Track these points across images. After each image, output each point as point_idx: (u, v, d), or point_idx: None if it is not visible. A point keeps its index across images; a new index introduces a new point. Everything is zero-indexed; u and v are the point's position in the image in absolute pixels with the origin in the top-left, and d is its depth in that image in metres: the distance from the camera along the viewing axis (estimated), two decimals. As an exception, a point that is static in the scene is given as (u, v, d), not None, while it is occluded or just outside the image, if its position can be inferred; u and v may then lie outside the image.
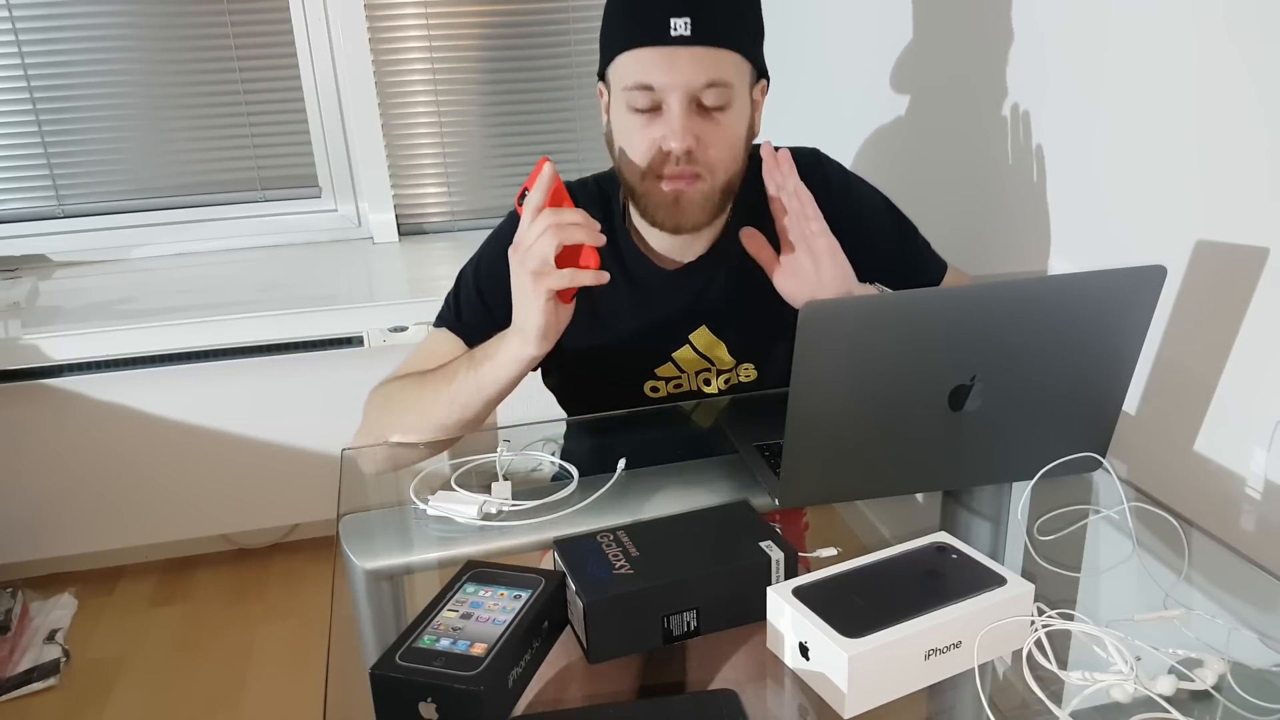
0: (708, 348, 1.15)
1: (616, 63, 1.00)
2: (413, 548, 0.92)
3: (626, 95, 0.99)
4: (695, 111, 0.98)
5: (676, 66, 0.95)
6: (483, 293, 1.12)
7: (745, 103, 1.02)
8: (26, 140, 2.18)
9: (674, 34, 0.94)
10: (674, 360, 1.15)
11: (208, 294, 2.08)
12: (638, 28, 0.97)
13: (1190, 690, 0.68)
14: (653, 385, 1.17)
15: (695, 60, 0.96)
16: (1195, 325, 1.11)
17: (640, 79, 0.97)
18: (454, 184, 2.40)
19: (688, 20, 0.94)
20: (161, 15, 2.15)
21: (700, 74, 0.96)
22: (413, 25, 2.26)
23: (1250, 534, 1.05)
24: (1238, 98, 1.03)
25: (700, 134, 0.99)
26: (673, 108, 0.97)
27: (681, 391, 1.17)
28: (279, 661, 1.93)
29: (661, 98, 0.97)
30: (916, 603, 0.70)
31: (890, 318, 0.82)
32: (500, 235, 1.14)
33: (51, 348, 1.90)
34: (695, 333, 1.14)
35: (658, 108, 0.98)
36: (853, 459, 0.88)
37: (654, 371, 1.16)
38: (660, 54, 0.95)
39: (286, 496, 2.15)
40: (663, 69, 0.96)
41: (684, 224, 1.04)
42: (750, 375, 1.17)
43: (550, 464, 1.04)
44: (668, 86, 0.96)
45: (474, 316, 1.12)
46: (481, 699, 0.62)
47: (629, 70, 0.98)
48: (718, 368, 1.16)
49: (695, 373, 1.17)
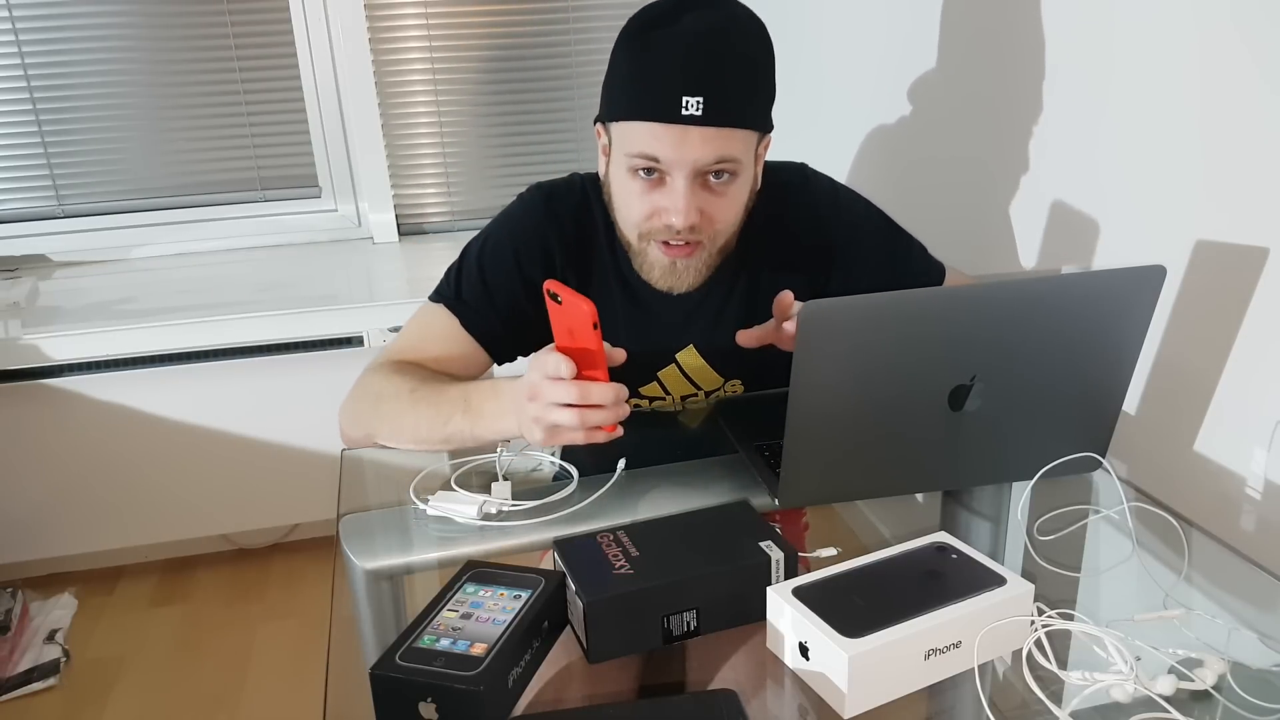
0: (694, 370, 1.14)
1: (623, 126, 0.98)
2: (413, 548, 0.92)
3: (629, 160, 0.97)
4: (701, 187, 0.97)
5: (686, 144, 0.93)
6: (486, 276, 1.09)
7: (749, 170, 1.01)
8: (26, 140, 2.18)
9: (685, 113, 0.92)
10: (659, 380, 1.15)
11: (208, 294, 2.08)
12: (648, 101, 0.94)
13: (1190, 690, 0.68)
14: (635, 404, 1.16)
15: (705, 140, 0.94)
16: (1195, 325, 1.11)
17: (646, 150, 0.95)
18: (454, 184, 2.40)
19: (700, 100, 0.92)
20: (161, 15, 2.15)
21: (709, 154, 0.94)
22: (413, 25, 2.26)
23: (1250, 534, 1.05)
24: (1238, 98, 1.03)
25: (704, 206, 0.97)
26: (677, 184, 0.95)
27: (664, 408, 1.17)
28: (279, 661, 1.93)
29: (666, 170, 0.96)
30: (916, 603, 0.70)
31: (890, 318, 0.82)
32: (511, 217, 1.11)
33: (51, 348, 1.90)
34: (683, 352, 1.13)
35: (661, 178, 0.97)
36: (853, 459, 0.88)
37: (639, 390, 1.15)
38: (669, 130, 0.93)
39: (286, 496, 2.15)
40: (671, 146, 0.94)
41: (678, 287, 1.04)
42: (738, 391, 1.17)
43: (550, 464, 1.04)
44: (674, 163, 0.95)
45: (474, 297, 1.09)
46: (481, 699, 0.62)
47: (635, 139, 0.96)
48: (705, 389, 1.16)
49: (681, 396, 1.16)
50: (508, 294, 1.08)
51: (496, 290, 1.08)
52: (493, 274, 1.09)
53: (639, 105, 0.95)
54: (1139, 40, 1.17)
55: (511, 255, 1.08)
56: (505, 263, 1.08)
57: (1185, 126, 1.10)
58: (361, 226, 2.40)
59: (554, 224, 1.09)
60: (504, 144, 2.38)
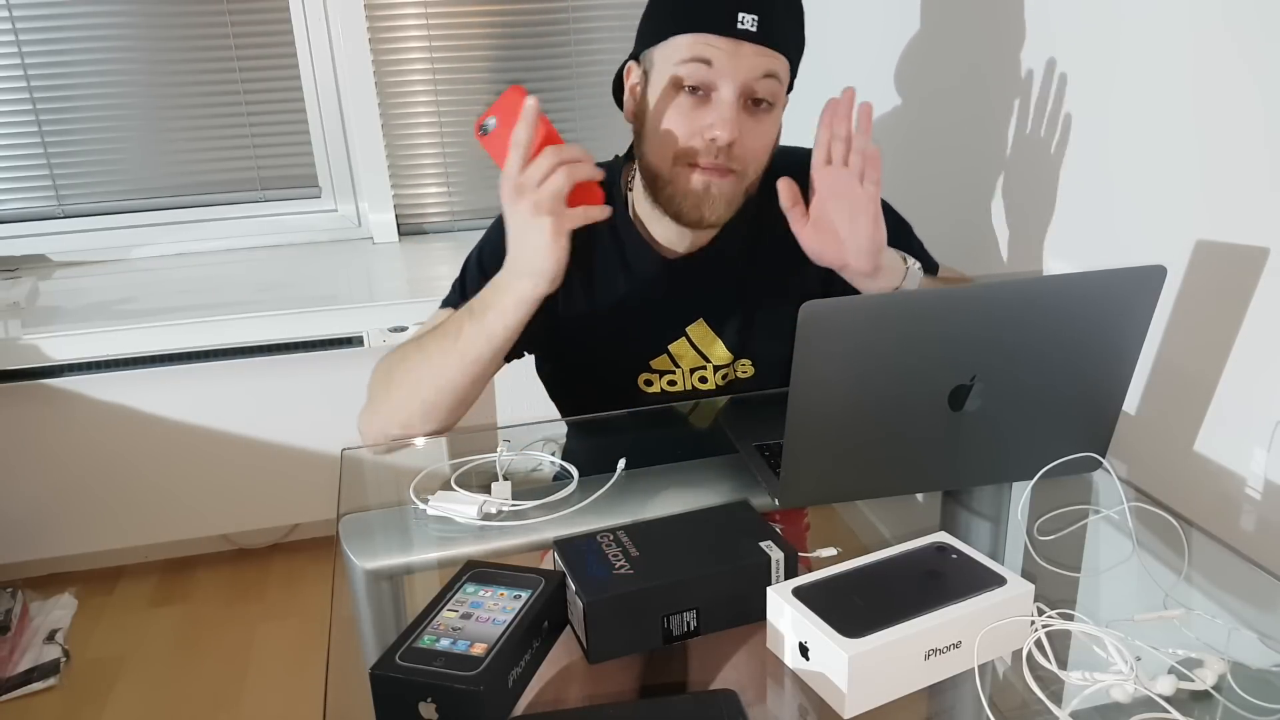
0: (703, 342, 1.15)
1: (671, 41, 0.99)
2: (413, 548, 0.92)
3: (680, 69, 0.98)
4: (745, 106, 0.99)
5: (740, 56, 0.97)
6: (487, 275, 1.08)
7: (781, 104, 1.04)
8: (26, 140, 2.18)
9: (740, 27, 0.96)
10: (669, 353, 1.15)
11: (208, 294, 2.08)
12: (703, 13, 0.97)
13: (1190, 690, 0.68)
14: (646, 378, 1.16)
15: (758, 55, 0.97)
16: (1195, 325, 1.11)
17: (700, 54, 0.97)
18: (454, 184, 2.40)
19: (755, 18, 0.96)
20: (161, 15, 2.15)
21: (758, 68, 0.97)
22: (413, 25, 2.26)
23: (1250, 534, 1.05)
24: (1238, 98, 1.03)
25: (744, 130, 0.99)
26: (724, 96, 0.98)
27: (676, 390, 1.17)
28: (279, 661, 1.93)
29: (715, 83, 0.98)
30: (916, 603, 0.70)
31: (890, 318, 0.82)
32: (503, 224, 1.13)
33: (51, 348, 1.90)
34: (692, 325, 1.14)
35: (706, 94, 0.99)
36: (853, 459, 0.88)
37: (649, 364, 1.16)
38: (724, 41, 0.96)
39: (286, 496, 2.15)
40: (725, 55, 0.97)
41: (707, 216, 1.04)
42: (747, 371, 1.17)
43: (550, 464, 1.04)
44: (726, 73, 0.97)
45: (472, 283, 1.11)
46: (481, 699, 0.62)
47: (688, 47, 0.98)
48: (714, 364, 1.16)
49: (690, 369, 1.16)
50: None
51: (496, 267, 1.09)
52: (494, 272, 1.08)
53: (694, 17, 0.98)
54: (1139, 40, 1.17)
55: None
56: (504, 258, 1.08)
57: (1185, 127, 1.10)
58: (361, 226, 2.40)
59: None
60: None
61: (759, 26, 0.96)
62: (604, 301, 1.13)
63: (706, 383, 1.17)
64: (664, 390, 1.17)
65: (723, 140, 0.98)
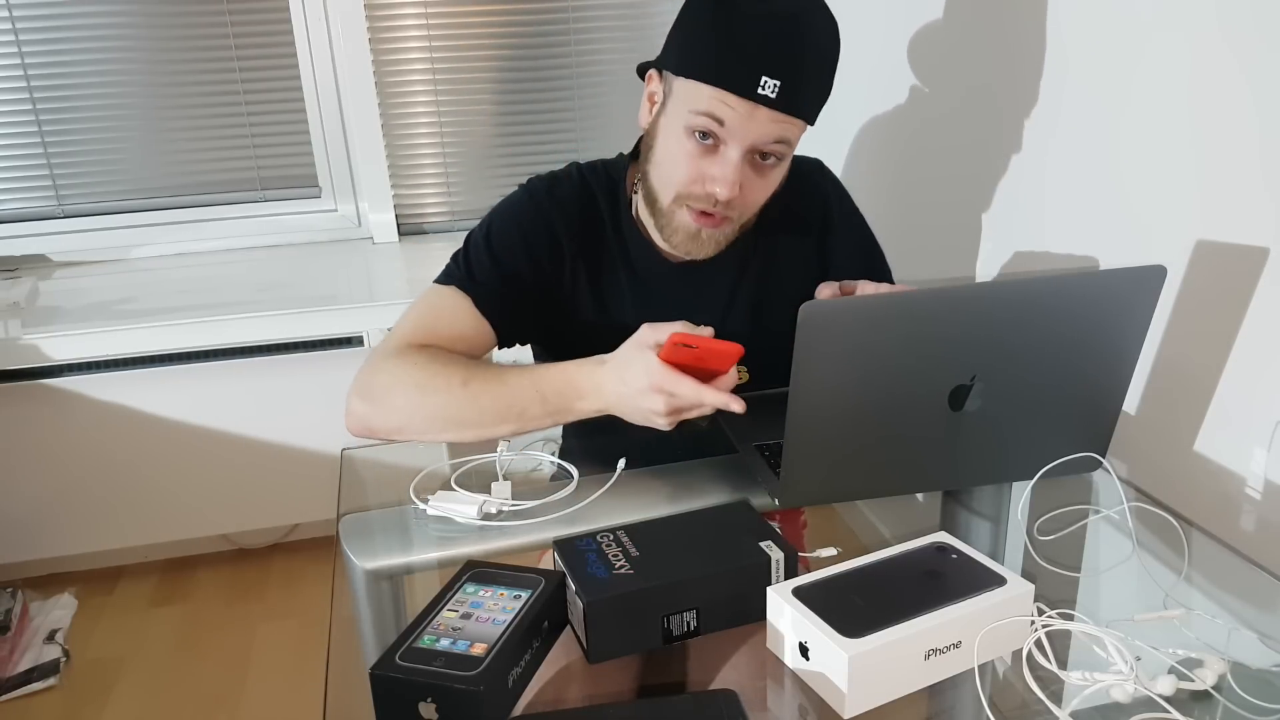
0: None
1: (692, 84, 0.98)
2: (413, 548, 0.92)
3: (693, 119, 0.98)
4: (750, 164, 0.99)
5: (753, 120, 0.95)
6: (497, 258, 1.09)
7: (791, 155, 1.03)
8: (26, 140, 2.18)
9: (760, 92, 0.94)
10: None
11: (208, 294, 2.08)
12: (728, 71, 0.95)
13: (1190, 690, 0.68)
14: None
15: (773, 121, 0.96)
16: (1195, 325, 1.11)
17: (715, 112, 0.96)
18: (454, 184, 2.40)
19: (778, 84, 0.94)
20: (161, 15, 2.15)
21: (770, 134, 0.97)
22: (413, 25, 2.26)
23: (1250, 534, 1.05)
24: (1237, 98, 1.03)
25: (745, 183, 0.99)
26: (730, 155, 0.97)
27: None
28: (279, 661, 1.93)
29: (724, 138, 0.97)
30: (916, 603, 0.70)
31: (890, 318, 0.82)
32: (516, 203, 1.11)
33: (51, 348, 1.90)
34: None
35: (715, 145, 0.98)
36: (853, 459, 0.88)
37: None
38: (741, 103, 0.95)
39: (286, 496, 2.15)
40: (739, 118, 0.95)
41: (698, 254, 1.05)
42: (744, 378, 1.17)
43: (550, 464, 1.04)
44: (737, 134, 0.96)
45: (487, 278, 1.08)
46: (481, 699, 0.62)
47: (704, 99, 0.96)
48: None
49: None
50: (518, 275, 1.08)
51: (508, 271, 1.08)
52: (503, 256, 1.09)
53: (717, 71, 0.95)
54: (1140, 40, 1.17)
55: (520, 238, 1.08)
56: (514, 246, 1.08)
57: (1185, 127, 1.10)
58: (361, 226, 2.40)
59: (560, 210, 1.10)
60: (504, 144, 2.38)
61: (779, 93, 0.94)
62: (607, 302, 1.13)
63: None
64: None
65: (722, 198, 0.98)
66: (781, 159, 1.01)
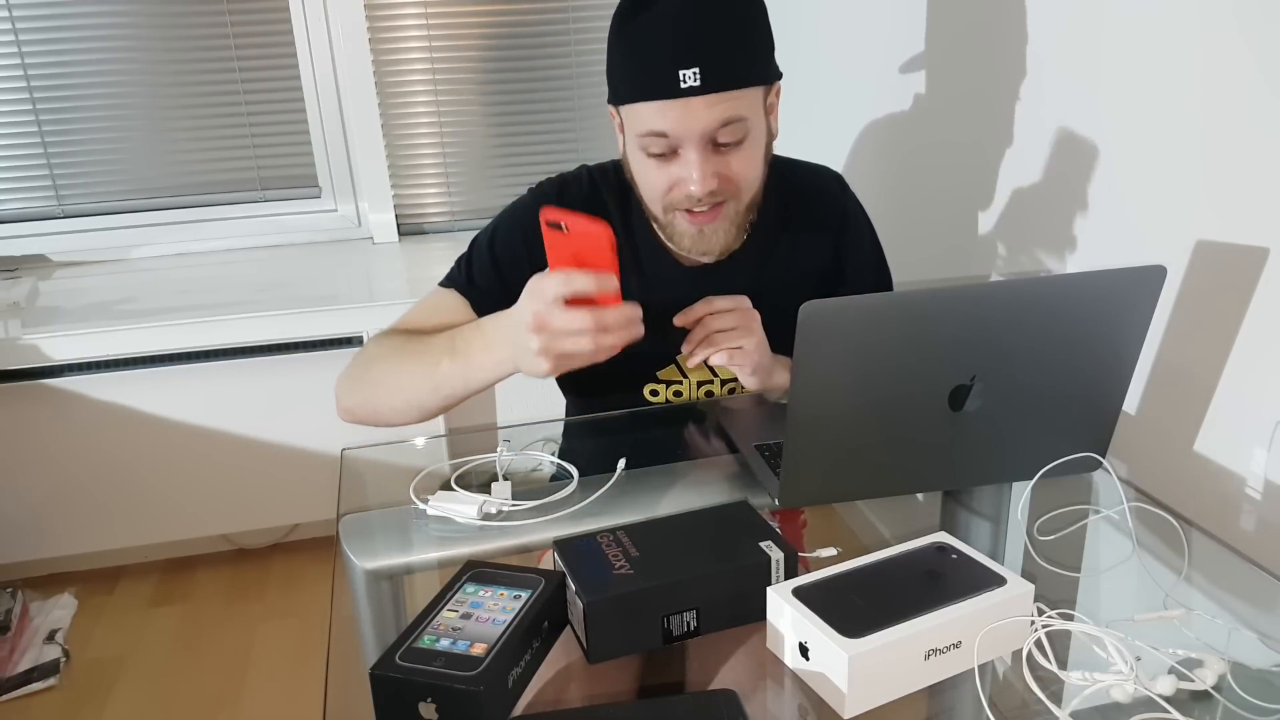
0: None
1: (628, 108, 0.99)
2: (413, 548, 0.92)
3: (641, 140, 0.99)
4: (713, 152, 0.98)
5: (690, 116, 0.95)
6: (498, 261, 1.09)
7: (760, 123, 1.01)
8: (26, 140, 2.18)
9: (684, 86, 0.93)
10: (677, 363, 1.15)
11: (208, 294, 2.08)
12: (647, 81, 0.95)
13: (1190, 690, 0.68)
14: (652, 389, 1.16)
15: (708, 107, 0.95)
16: (1195, 325, 1.11)
17: (653, 128, 0.96)
18: (454, 184, 2.40)
19: (697, 71, 0.93)
20: (161, 15, 2.15)
21: (714, 119, 0.95)
22: (413, 25, 2.26)
23: (1250, 534, 1.05)
24: (1238, 98, 1.03)
25: (719, 169, 0.99)
26: (690, 155, 0.97)
27: (681, 401, 1.17)
28: (279, 661, 1.93)
29: (676, 145, 0.97)
30: (916, 603, 0.70)
31: (890, 318, 0.82)
32: (524, 207, 1.12)
33: (51, 348, 1.90)
34: None
35: (674, 151, 0.98)
36: (853, 459, 0.88)
37: (655, 374, 1.16)
38: (671, 106, 0.94)
39: (286, 496, 2.15)
40: (676, 120, 0.95)
41: (711, 251, 1.05)
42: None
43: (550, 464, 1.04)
44: (683, 134, 0.96)
45: (486, 282, 1.10)
46: (481, 699, 0.62)
47: (641, 119, 0.97)
48: (721, 377, 1.16)
49: (697, 382, 1.16)
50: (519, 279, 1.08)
51: (509, 275, 1.07)
52: (506, 260, 1.09)
53: (639, 86, 0.96)
54: (1139, 39, 1.17)
55: (523, 243, 1.09)
56: (517, 251, 1.09)
57: (1185, 126, 1.10)
58: (361, 226, 2.40)
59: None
60: (504, 144, 2.39)
61: (703, 78, 0.93)
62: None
63: (713, 397, 1.17)
64: (669, 401, 1.17)
65: (698, 193, 0.98)
66: (747, 132, 0.98)
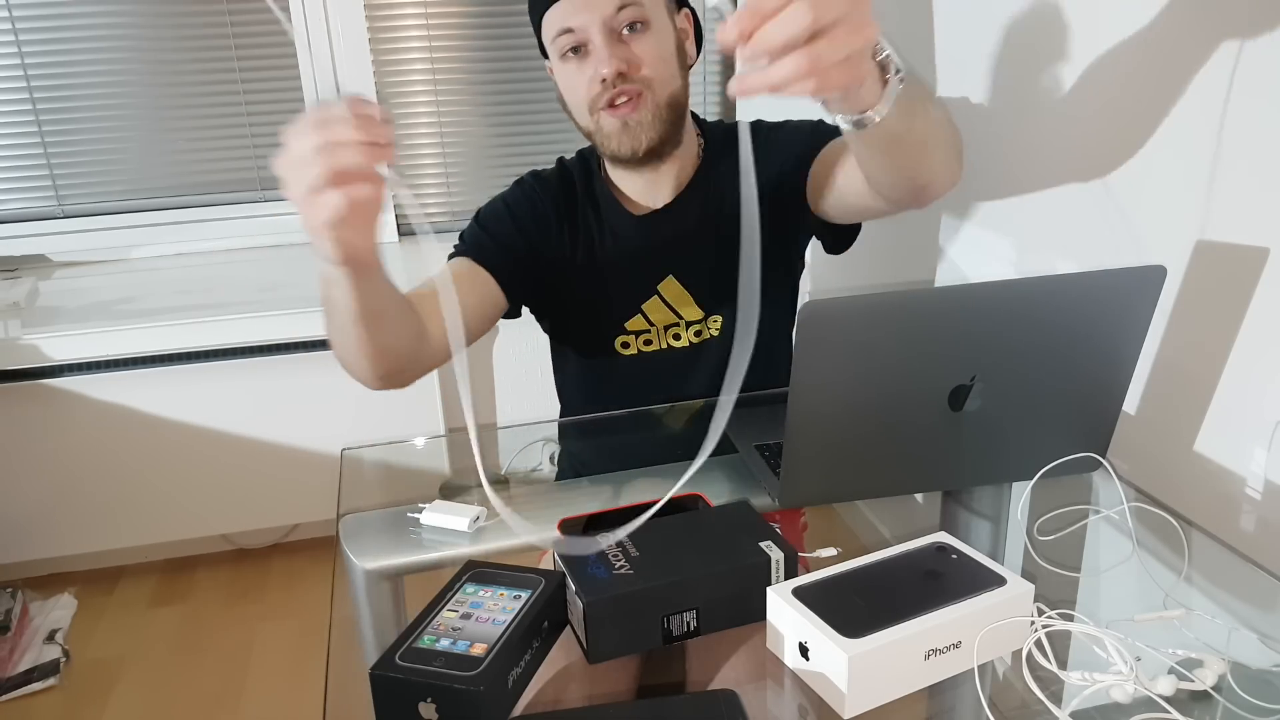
0: (676, 300, 1.19)
1: (543, 24, 1.09)
2: (413, 548, 0.92)
3: (555, 45, 1.08)
4: (618, 40, 1.06)
5: (586, 5, 1.04)
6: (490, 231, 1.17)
7: (665, 23, 1.09)
8: (26, 140, 2.18)
9: None
10: (643, 312, 1.19)
11: (208, 294, 2.08)
12: None
13: (1190, 691, 0.68)
14: (623, 340, 1.20)
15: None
16: (1195, 325, 1.11)
17: (560, 25, 1.06)
18: (454, 184, 2.40)
19: None
20: (161, 16, 2.15)
21: (608, 4, 1.04)
22: (413, 25, 2.26)
23: (1250, 534, 1.05)
24: (1238, 98, 1.03)
25: (627, 57, 1.06)
26: (595, 40, 1.05)
27: (651, 350, 1.20)
28: (279, 661, 1.93)
29: (582, 39, 1.06)
30: (916, 603, 0.70)
31: (890, 318, 0.82)
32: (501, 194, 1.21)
33: (51, 348, 1.90)
34: (663, 283, 1.19)
35: (584, 46, 1.06)
36: (853, 459, 0.88)
37: (624, 325, 1.20)
38: (568, 2, 1.05)
39: (286, 497, 2.15)
40: (576, 12, 1.05)
41: (640, 144, 1.10)
42: (717, 328, 1.21)
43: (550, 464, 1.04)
44: (585, 24, 1.05)
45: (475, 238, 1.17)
46: (481, 699, 0.62)
47: (551, 24, 1.07)
48: (686, 320, 1.20)
49: (664, 327, 1.20)
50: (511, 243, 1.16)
51: (501, 240, 1.15)
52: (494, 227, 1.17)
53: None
54: (1139, 39, 1.17)
55: (507, 212, 1.18)
56: (502, 219, 1.18)
57: (1185, 126, 1.10)
58: (361, 226, 2.40)
59: (543, 187, 1.20)
60: (504, 144, 2.39)
61: None
62: (583, 264, 1.19)
63: (680, 339, 1.21)
64: (640, 351, 1.20)
65: (608, 74, 1.05)
66: (648, 24, 1.06)
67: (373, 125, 0.71)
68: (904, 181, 0.92)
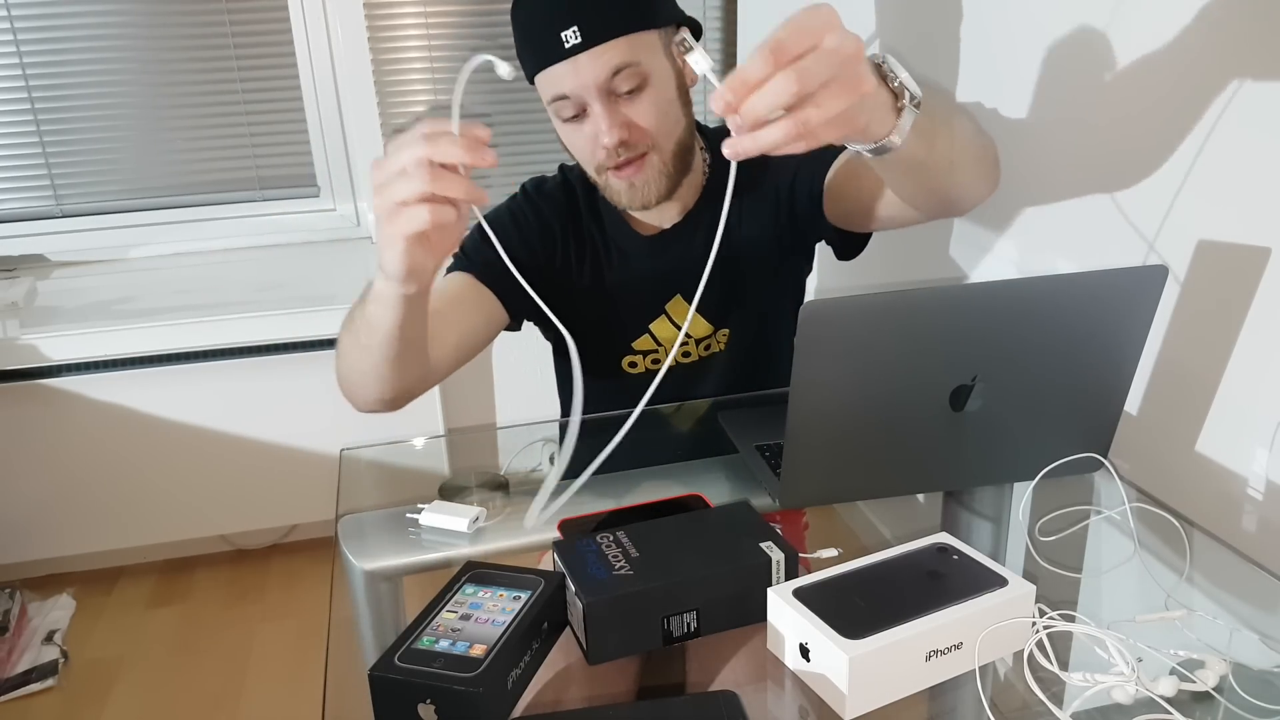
0: (683, 319, 1.18)
1: (537, 84, 1.06)
2: (412, 549, 0.92)
3: (552, 108, 1.05)
4: (616, 101, 1.02)
5: (580, 71, 1.00)
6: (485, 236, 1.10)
7: (663, 67, 1.04)
8: (25, 140, 2.17)
9: (568, 46, 0.99)
10: (651, 332, 1.19)
11: (207, 294, 2.08)
12: (538, 50, 1.02)
13: (1191, 691, 0.68)
14: (630, 360, 1.20)
15: (595, 59, 0.99)
16: (1196, 325, 1.11)
17: (555, 91, 1.02)
18: (453, 184, 2.40)
19: (576, 29, 0.98)
20: (160, 15, 2.15)
21: (602, 70, 1.00)
22: (412, 25, 2.26)
23: (1252, 534, 1.05)
24: (1238, 98, 1.02)
25: (628, 118, 1.03)
26: (594, 107, 1.02)
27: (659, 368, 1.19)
28: (278, 662, 1.93)
29: (579, 104, 1.02)
30: (917, 604, 0.69)
31: (890, 317, 0.81)
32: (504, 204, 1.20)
33: (50, 348, 1.90)
34: (671, 302, 1.18)
35: (582, 110, 1.03)
36: (853, 459, 0.88)
37: (631, 345, 1.19)
38: (562, 67, 1.00)
39: (285, 497, 2.15)
40: (567, 79, 1.01)
41: (649, 200, 1.09)
42: (724, 341, 1.21)
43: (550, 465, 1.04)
44: (580, 91, 1.01)
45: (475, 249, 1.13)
46: (480, 700, 0.62)
47: (545, 88, 1.04)
48: (695, 338, 1.20)
49: (672, 344, 1.20)
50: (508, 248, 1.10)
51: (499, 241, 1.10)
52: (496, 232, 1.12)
53: (534, 58, 1.03)
54: (1139, 38, 1.16)
55: (513, 224, 1.16)
56: (508, 232, 1.15)
57: (1185, 126, 1.10)
58: (360, 226, 2.40)
59: (546, 200, 1.18)
60: (504, 144, 2.38)
61: (583, 35, 0.98)
62: (590, 286, 1.17)
63: (690, 356, 1.21)
64: (648, 370, 1.20)
65: (610, 144, 1.02)
66: (645, 78, 1.01)
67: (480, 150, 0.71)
68: (932, 196, 0.94)
